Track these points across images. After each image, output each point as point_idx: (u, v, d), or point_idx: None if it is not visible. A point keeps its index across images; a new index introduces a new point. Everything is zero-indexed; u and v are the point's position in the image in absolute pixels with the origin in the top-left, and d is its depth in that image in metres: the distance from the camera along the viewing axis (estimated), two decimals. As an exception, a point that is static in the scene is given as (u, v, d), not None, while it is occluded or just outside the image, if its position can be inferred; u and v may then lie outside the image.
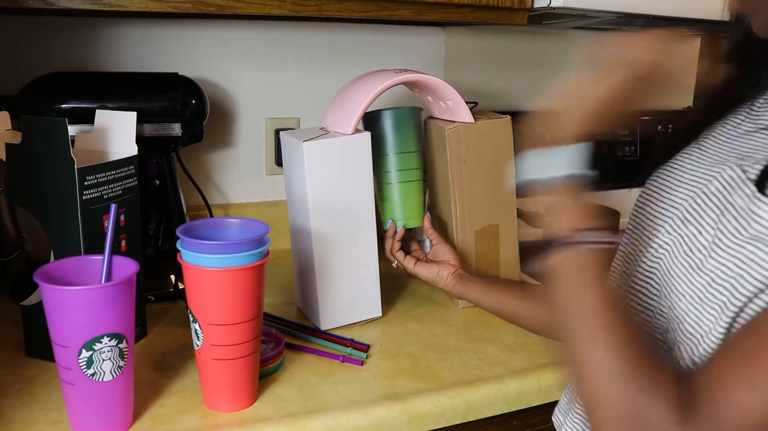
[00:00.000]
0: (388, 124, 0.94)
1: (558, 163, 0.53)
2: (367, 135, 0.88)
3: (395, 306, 0.99)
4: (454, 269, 0.95)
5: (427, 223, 0.98)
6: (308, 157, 0.84)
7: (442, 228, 1.03)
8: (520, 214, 1.25)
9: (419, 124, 0.97)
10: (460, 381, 0.77)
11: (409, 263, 0.97)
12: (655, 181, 0.61)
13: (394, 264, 1.00)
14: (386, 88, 0.89)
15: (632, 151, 1.50)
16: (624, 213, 1.32)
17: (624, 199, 1.49)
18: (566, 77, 0.56)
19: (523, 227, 1.24)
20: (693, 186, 0.55)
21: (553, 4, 1.00)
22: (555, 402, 0.81)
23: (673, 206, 0.56)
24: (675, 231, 0.54)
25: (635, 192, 0.65)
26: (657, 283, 0.55)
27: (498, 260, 1.02)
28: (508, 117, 1.00)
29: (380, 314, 0.94)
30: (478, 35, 1.36)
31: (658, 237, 0.56)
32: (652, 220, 0.58)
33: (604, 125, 0.54)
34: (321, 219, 0.86)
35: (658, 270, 0.55)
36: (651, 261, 0.56)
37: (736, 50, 0.60)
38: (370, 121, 0.94)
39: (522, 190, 0.57)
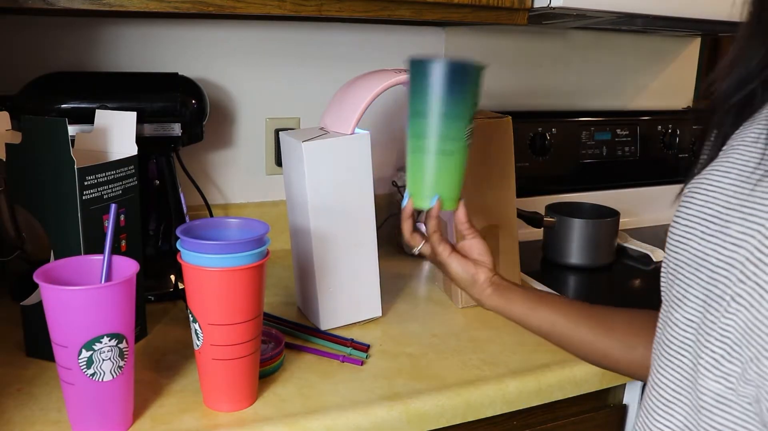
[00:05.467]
0: (439, 77, 0.74)
1: None
2: (367, 135, 0.88)
3: (395, 306, 0.99)
4: (491, 274, 0.78)
5: (461, 213, 0.79)
6: (307, 157, 0.84)
7: (442, 228, 1.03)
8: (520, 214, 1.25)
9: (479, 88, 0.78)
10: (460, 381, 0.77)
11: (444, 250, 0.78)
12: (688, 207, 0.52)
13: (415, 250, 0.82)
14: (386, 88, 0.89)
15: (632, 151, 1.51)
16: (624, 213, 1.32)
17: (624, 199, 1.50)
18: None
19: (523, 227, 1.24)
20: (750, 216, 0.46)
21: (553, 4, 1.00)
22: (555, 402, 0.82)
23: (735, 245, 0.46)
24: (749, 279, 0.44)
25: (634, 191, 0.63)
26: (736, 344, 0.46)
27: (498, 260, 1.02)
28: (508, 117, 1.00)
29: (380, 314, 0.94)
30: (478, 35, 1.36)
31: (729, 288, 0.46)
32: (708, 265, 0.49)
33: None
34: (321, 220, 0.86)
35: (735, 329, 0.46)
36: (724, 317, 0.46)
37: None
38: (417, 69, 0.76)
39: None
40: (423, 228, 0.81)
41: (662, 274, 0.57)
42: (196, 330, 0.68)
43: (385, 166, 1.30)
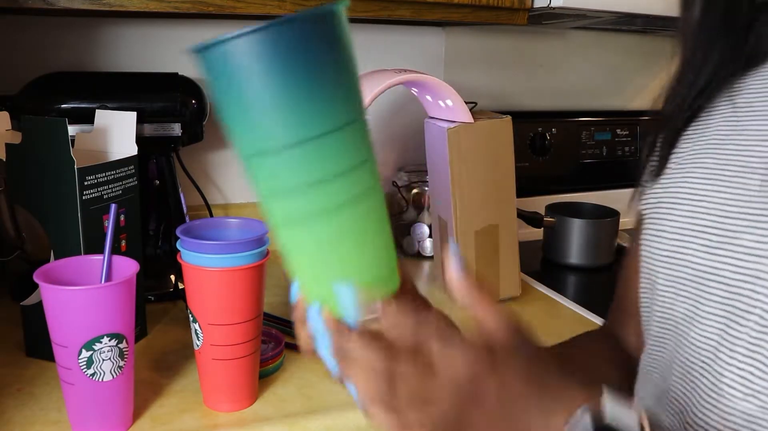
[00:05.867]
0: (272, 67, 0.37)
1: None
2: (367, 135, 0.87)
3: (395, 306, 0.99)
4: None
5: (455, 275, 0.44)
6: (308, 157, 0.84)
7: (441, 228, 1.03)
8: (520, 214, 1.25)
9: (349, 49, 0.39)
10: (460, 381, 0.77)
11: None
12: (671, 219, 0.49)
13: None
14: (386, 88, 0.89)
15: (632, 151, 1.50)
16: (624, 213, 1.32)
17: (624, 199, 1.49)
18: None
19: (523, 227, 1.24)
20: (762, 224, 0.43)
21: (553, 4, 1.00)
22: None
23: (752, 254, 0.43)
24: None
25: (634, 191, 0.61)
26: None
27: (498, 260, 1.02)
28: (508, 117, 1.00)
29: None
30: (478, 35, 1.36)
31: (760, 302, 0.42)
32: (721, 279, 0.45)
33: None
34: (321, 219, 0.86)
35: None
36: (754, 332, 0.43)
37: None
38: (222, 65, 0.36)
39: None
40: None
41: (642, 290, 0.53)
42: (196, 330, 0.68)
43: (385, 166, 1.30)
